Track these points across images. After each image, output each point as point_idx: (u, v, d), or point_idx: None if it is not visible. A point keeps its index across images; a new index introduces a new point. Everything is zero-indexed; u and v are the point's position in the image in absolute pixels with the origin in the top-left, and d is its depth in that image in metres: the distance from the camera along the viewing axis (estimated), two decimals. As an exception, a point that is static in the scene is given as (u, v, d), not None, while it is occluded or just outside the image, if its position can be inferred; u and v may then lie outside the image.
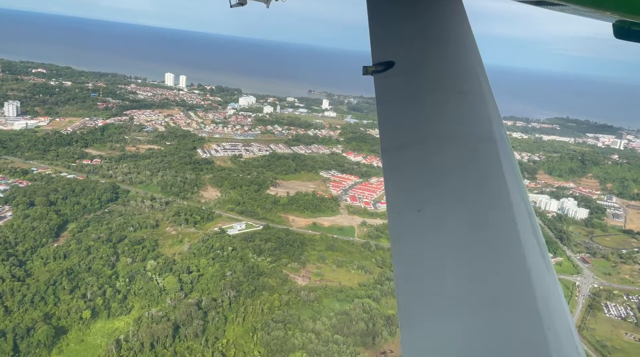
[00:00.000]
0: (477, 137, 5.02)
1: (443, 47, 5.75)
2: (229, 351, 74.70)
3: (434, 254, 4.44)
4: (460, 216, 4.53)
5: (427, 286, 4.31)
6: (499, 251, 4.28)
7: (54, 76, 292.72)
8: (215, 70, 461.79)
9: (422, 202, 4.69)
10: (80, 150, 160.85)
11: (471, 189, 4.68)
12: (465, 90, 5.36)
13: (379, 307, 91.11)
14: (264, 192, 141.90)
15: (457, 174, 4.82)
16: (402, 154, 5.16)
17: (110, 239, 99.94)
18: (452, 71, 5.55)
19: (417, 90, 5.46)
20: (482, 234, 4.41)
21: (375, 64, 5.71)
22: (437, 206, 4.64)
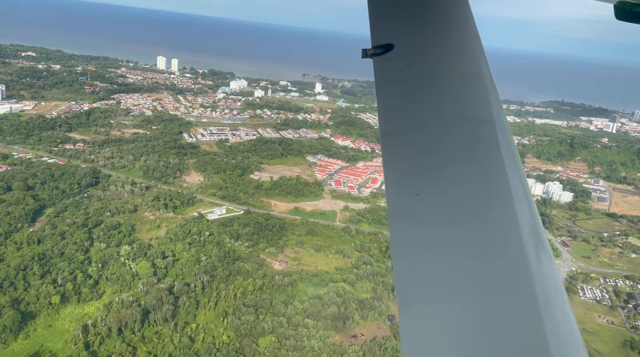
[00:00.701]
0: (476, 120, 4.97)
1: (443, 29, 5.65)
2: (198, 336, 74.68)
3: (431, 238, 4.41)
4: (458, 199, 4.50)
5: (425, 270, 4.25)
6: (497, 234, 4.24)
7: (43, 60, 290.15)
8: (209, 53, 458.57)
9: (420, 186, 4.66)
10: (64, 134, 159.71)
11: (469, 173, 4.64)
12: (465, 73, 5.29)
13: (354, 291, 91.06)
14: (248, 177, 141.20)
15: (455, 157, 4.76)
16: (401, 138, 5.05)
17: (85, 224, 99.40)
18: (452, 53, 5.47)
19: (416, 73, 5.37)
20: (480, 217, 4.38)
21: (374, 47, 5.57)
22: (435, 190, 4.61)
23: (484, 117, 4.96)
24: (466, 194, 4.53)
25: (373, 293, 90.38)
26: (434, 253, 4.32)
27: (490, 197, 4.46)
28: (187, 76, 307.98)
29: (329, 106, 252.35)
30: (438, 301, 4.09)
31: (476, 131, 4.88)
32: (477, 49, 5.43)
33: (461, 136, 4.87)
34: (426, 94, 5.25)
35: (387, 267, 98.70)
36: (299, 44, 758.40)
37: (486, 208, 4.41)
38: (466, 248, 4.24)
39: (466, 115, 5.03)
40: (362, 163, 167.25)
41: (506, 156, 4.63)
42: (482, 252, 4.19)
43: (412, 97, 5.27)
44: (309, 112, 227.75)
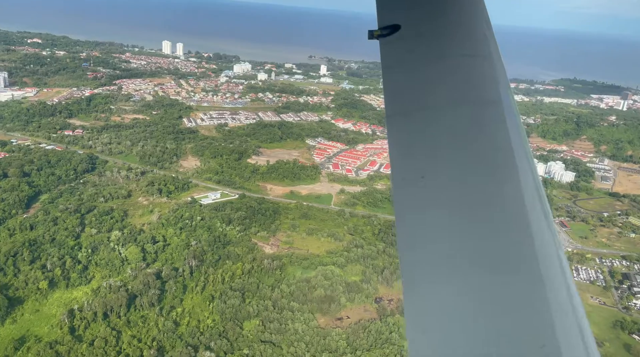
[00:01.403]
0: (483, 101, 4.96)
1: (450, 9, 5.61)
2: (183, 320, 75.32)
3: (436, 219, 4.44)
4: (464, 181, 4.52)
5: (430, 250, 4.32)
6: (502, 213, 4.27)
7: (48, 46, 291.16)
8: (217, 37, 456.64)
9: (425, 168, 4.69)
10: (64, 121, 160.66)
11: (476, 155, 4.65)
12: (472, 54, 5.26)
13: (343, 273, 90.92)
14: (245, 161, 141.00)
15: (461, 138, 4.78)
16: (407, 119, 5.06)
17: (78, 209, 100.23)
18: (460, 34, 5.44)
19: (423, 54, 5.35)
20: (486, 198, 4.39)
21: (380, 28, 5.56)
22: (441, 172, 4.65)
23: (492, 98, 4.95)
24: (472, 176, 4.53)
25: (362, 276, 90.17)
26: (440, 235, 4.35)
27: (496, 179, 4.47)
28: (191, 60, 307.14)
29: (332, 88, 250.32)
30: (443, 281, 4.13)
31: (483, 113, 4.87)
32: (486, 29, 5.39)
33: (468, 118, 4.87)
34: (433, 75, 5.25)
35: (378, 250, 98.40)
36: (308, 25, 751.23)
37: (492, 190, 4.42)
38: (472, 230, 4.26)
39: (473, 97, 5.02)
40: (362, 146, 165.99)
41: (513, 137, 4.63)
42: (488, 234, 4.20)
43: (418, 78, 5.27)
44: (311, 94, 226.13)
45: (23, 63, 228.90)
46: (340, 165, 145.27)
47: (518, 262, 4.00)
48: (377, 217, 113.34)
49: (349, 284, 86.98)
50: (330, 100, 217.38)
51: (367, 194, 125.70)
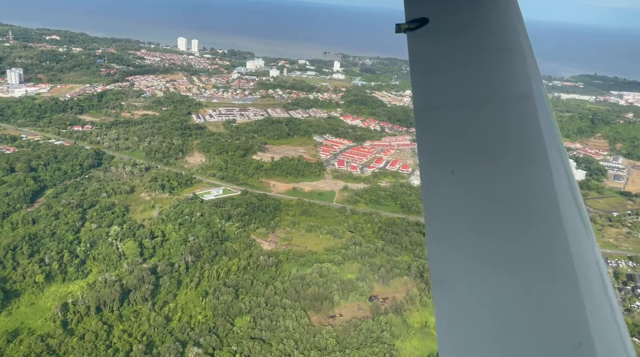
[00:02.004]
0: (514, 96, 4.85)
1: (480, 1, 5.54)
2: (175, 315, 75.87)
3: (467, 216, 4.37)
4: (496, 176, 4.46)
5: (460, 248, 4.24)
6: (535, 212, 4.19)
7: (66, 43, 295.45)
8: (233, 34, 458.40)
9: (456, 163, 4.63)
10: (74, 116, 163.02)
11: (507, 150, 4.58)
12: (503, 47, 5.16)
13: (339, 271, 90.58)
14: (250, 158, 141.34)
15: (492, 133, 4.70)
16: (436, 114, 5.03)
17: (80, 204, 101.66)
18: (490, 27, 5.36)
19: (452, 48, 5.32)
20: (518, 194, 4.32)
21: (408, 22, 5.53)
22: (472, 167, 4.58)
23: (523, 93, 4.83)
24: (503, 172, 4.45)
25: (358, 274, 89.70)
26: (470, 231, 4.27)
27: (529, 175, 4.36)
28: (205, 57, 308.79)
29: (344, 85, 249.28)
30: (473, 279, 4.06)
31: (515, 108, 4.76)
32: (517, 21, 5.28)
33: (499, 113, 4.79)
34: (462, 69, 5.17)
35: (377, 248, 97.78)
36: (325, 21, 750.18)
37: (524, 187, 4.32)
38: (503, 227, 4.17)
39: (504, 91, 4.91)
40: (369, 142, 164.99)
41: (546, 133, 4.53)
42: (520, 232, 4.11)
43: (447, 72, 5.21)
44: (322, 91, 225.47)
45: (39, 59, 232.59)
46: (346, 162, 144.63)
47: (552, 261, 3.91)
48: (379, 215, 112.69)
49: (345, 281, 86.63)
50: (340, 97, 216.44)
51: (370, 192, 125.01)
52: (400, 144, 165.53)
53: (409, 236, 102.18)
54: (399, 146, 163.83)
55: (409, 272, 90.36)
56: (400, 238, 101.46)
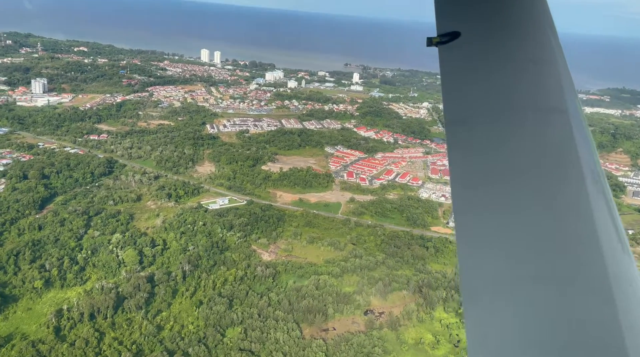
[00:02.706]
0: (547, 109, 4.85)
1: (513, 14, 5.51)
2: (168, 324, 76.11)
3: (499, 230, 4.35)
4: (529, 191, 4.43)
5: (492, 263, 4.23)
6: (570, 228, 4.15)
7: (93, 54, 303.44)
8: (257, 45, 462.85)
9: (487, 177, 4.65)
10: (92, 125, 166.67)
11: (541, 164, 4.56)
12: (536, 60, 5.16)
13: (338, 284, 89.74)
14: (259, 168, 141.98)
15: (525, 147, 4.69)
16: (467, 127, 5.05)
17: (86, 212, 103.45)
18: (523, 40, 5.33)
19: (484, 61, 5.32)
20: (552, 210, 4.29)
21: (439, 35, 5.55)
22: (504, 181, 4.57)
23: (557, 106, 4.80)
24: (537, 186, 4.39)
25: (356, 287, 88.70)
26: (503, 247, 4.22)
27: (563, 191, 4.31)
28: (227, 68, 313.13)
29: (361, 96, 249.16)
30: (506, 295, 4.03)
31: (548, 121, 4.72)
32: (550, 34, 5.25)
33: (532, 127, 4.74)
34: (495, 82, 5.14)
35: (377, 261, 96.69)
36: (350, 34, 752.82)
37: (559, 201, 4.27)
38: (537, 242, 4.12)
39: (538, 105, 4.87)
40: (381, 154, 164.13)
41: (581, 147, 4.48)
42: (554, 247, 4.06)
43: (479, 86, 5.19)
44: (337, 102, 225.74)
45: (65, 70, 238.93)
46: (355, 174, 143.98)
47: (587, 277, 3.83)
48: (383, 227, 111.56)
49: (341, 295, 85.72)
50: (355, 109, 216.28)
51: (376, 204, 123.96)
52: (412, 156, 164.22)
53: (411, 249, 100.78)
54: (411, 158, 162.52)
55: (408, 287, 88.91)
56: (402, 252, 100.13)
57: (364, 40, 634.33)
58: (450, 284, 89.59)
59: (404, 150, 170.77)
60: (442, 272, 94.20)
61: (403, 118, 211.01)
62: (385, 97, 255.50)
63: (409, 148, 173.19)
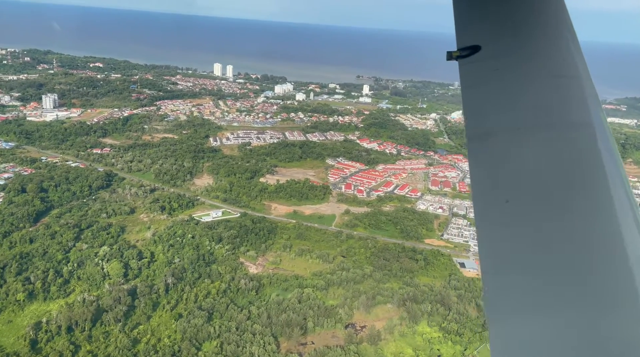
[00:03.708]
0: (571, 123, 4.79)
1: (535, 27, 5.46)
2: (145, 337, 75.95)
3: (523, 247, 4.32)
4: (553, 207, 4.37)
5: (516, 280, 4.23)
6: (598, 245, 4.09)
7: (107, 70, 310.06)
8: (272, 59, 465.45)
9: (510, 192, 4.60)
10: (97, 139, 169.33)
11: (566, 179, 4.50)
12: (559, 74, 5.10)
13: (322, 297, 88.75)
14: (257, 180, 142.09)
15: (549, 162, 4.66)
16: (489, 142, 5.03)
17: (78, 225, 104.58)
18: (545, 53, 5.27)
19: (505, 75, 5.30)
20: (578, 226, 4.23)
21: (459, 49, 5.57)
22: (527, 197, 4.54)
23: (581, 120, 4.72)
24: (563, 202, 4.33)
25: (341, 300, 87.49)
26: (528, 264, 4.17)
27: (589, 206, 4.25)
28: (238, 82, 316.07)
29: (368, 108, 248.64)
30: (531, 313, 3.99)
31: (572, 136, 4.66)
32: (573, 47, 5.18)
33: (556, 141, 4.69)
34: (516, 96, 5.13)
35: (364, 274, 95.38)
36: (366, 46, 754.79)
37: (585, 217, 4.21)
38: (564, 260, 4.05)
39: (561, 119, 4.82)
40: (382, 166, 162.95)
41: (607, 162, 4.40)
42: (582, 265, 3.99)
43: (501, 99, 5.17)
44: (343, 114, 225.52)
45: (77, 86, 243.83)
46: (353, 186, 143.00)
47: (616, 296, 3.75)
48: (375, 240, 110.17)
49: (323, 308, 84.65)
50: (361, 120, 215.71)
51: (370, 216, 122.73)
52: (413, 168, 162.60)
53: (400, 262, 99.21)
54: (412, 170, 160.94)
55: (393, 300, 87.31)
56: (391, 264, 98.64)
57: (379, 52, 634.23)
58: (436, 297, 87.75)
59: (406, 161, 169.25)
60: (429, 285, 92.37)
61: (408, 129, 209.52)
62: (393, 108, 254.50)
63: (411, 159, 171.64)
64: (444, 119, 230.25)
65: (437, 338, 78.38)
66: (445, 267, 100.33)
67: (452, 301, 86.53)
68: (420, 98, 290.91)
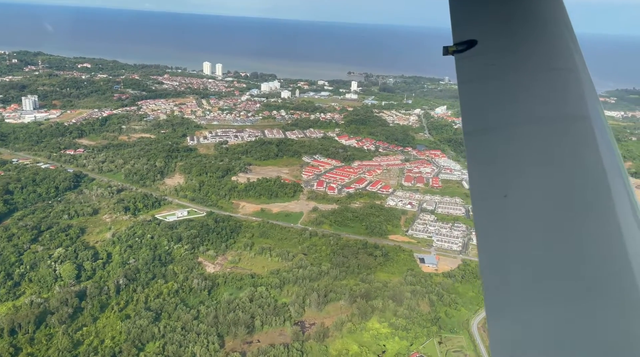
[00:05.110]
0: (569, 116, 4.77)
1: (531, 21, 5.45)
2: (88, 339, 75.38)
3: (521, 241, 4.29)
4: (552, 201, 4.35)
5: (515, 275, 4.17)
6: (596, 236, 4.04)
7: (95, 70, 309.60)
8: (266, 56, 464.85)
9: (508, 187, 4.58)
10: (72, 140, 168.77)
11: (563, 172, 4.46)
12: (556, 67, 5.09)
13: (275, 295, 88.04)
14: (229, 179, 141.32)
15: (547, 156, 4.63)
16: (487, 137, 5.00)
17: (37, 226, 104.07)
18: (542, 47, 5.27)
19: (502, 69, 5.28)
20: (577, 218, 4.19)
21: (456, 44, 5.53)
22: (526, 191, 4.50)
23: (579, 114, 4.72)
24: (561, 195, 4.31)
25: (294, 298, 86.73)
26: (526, 257, 4.14)
27: (587, 199, 4.23)
28: (227, 80, 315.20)
29: (353, 104, 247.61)
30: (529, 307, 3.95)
31: (570, 129, 4.65)
32: (570, 40, 5.18)
33: (553, 135, 4.69)
34: (514, 90, 5.12)
35: (321, 271, 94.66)
36: (360, 42, 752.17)
37: (583, 209, 4.19)
38: (562, 252, 4.02)
39: (558, 113, 4.82)
40: (357, 162, 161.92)
41: (605, 155, 4.41)
42: (581, 257, 3.96)
43: (498, 94, 5.16)
44: (326, 111, 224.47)
45: (60, 87, 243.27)
46: (326, 183, 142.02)
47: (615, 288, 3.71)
48: (339, 237, 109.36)
49: (274, 306, 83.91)
50: (343, 117, 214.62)
51: (337, 213, 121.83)
52: (389, 164, 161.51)
53: (358, 258, 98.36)
54: (387, 166, 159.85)
55: (346, 297, 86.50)
56: (349, 261, 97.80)
57: (374, 48, 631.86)
58: (389, 293, 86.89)
59: (383, 158, 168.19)
60: (385, 281, 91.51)
61: (390, 125, 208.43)
62: (378, 104, 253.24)
63: (388, 156, 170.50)
64: (428, 115, 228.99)
65: (385, 334, 77.57)
66: (404, 263, 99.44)
67: (405, 297, 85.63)
68: (407, 94, 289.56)
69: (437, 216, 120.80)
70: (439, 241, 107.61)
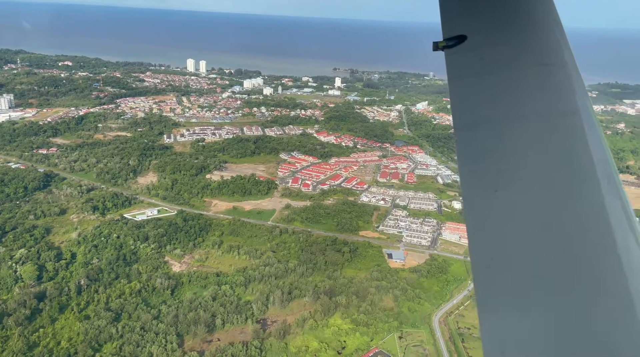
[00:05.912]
0: (558, 112, 4.74)
1: (520, 16, 5.41)
2: (44, 340, 74.17)
3: (513, 236, 4.25)
4: (542, 195, 4.32)
5: (506, 270, 4.12)
6: (585, 232, 4.03)
7: (77, 68, 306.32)
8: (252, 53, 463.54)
9: (499, 182, 4.54)
10: (45, 139, 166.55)
11: (553, 167, 4.45)
12: (545, 63, 5.05)
13: (239, 293, 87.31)
14: (202, 177, 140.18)
15: (537, 151, 4.59)
16: (477, 132, 4.95)
17: (2, 227, 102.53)
18: (531, 43, 5.26)
19: (492, 64, 5.23)
20: (566, 214, 4.17)
21: (445, 39, 5.49)
22: (516, 186, 4.47)
23: (568, 109, 4.72)
24: (551, 190, 4.30)
25: (257, 295, 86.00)
26: (517, 252, 4.13)
27: (577, 194, 4.22)
28: (210, 77, 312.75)
29: (335, 101, 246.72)
30: (520, 301, 3.95)
31: (560, 124, 4.65)
32: (559, 36, 5.19)
33: (543, 129, 4.68)
34: (503, 86, 5.10)
35: (287, 268, 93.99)
36: (348, 38, 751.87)
37: (573, 205, 4.18)
38: (552, 248, 4.02)
39: (548, 108, 4.80)
40: (335, 159, 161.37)
41: (594, 149, 4.40)
42: (570, 252, 3.96)
43: (488, 89, 5.13)
44: (306, 108, 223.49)
45: (38, 85, 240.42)
46: (301, 180, 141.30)
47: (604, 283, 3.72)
48: (310, 234, 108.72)
49: (236, 304, 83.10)
50: (323, 114, 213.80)
51: (309, 210, 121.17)
52: (366, 160, 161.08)
53: (325, 255, 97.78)
54: (364, 162, 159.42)
55: (310, 294, 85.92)
56: (316, 258, 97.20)
57: (361, 44, 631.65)
58: (354, 289, 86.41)
59: (360, 154, 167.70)
60: (351, 277, 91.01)
61: (370, 122, 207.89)
62: (361, 100, 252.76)
63: (365, 152, 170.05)
64: (409, 111, 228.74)
65: (347, 330, 77.09)
66: (372, 258, 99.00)
67: (370, 292, 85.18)
68: (392, 89, 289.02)
69: (409, 212, 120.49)
70: (408, 237, 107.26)
